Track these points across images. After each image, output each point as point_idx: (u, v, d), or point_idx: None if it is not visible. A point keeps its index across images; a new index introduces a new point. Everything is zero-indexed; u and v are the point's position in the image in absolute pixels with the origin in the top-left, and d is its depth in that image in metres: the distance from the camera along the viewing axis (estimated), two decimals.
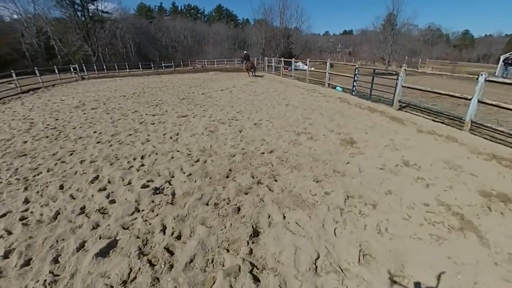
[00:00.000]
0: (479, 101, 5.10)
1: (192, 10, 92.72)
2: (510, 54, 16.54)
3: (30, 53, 38.47)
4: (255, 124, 6.06)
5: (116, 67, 29.84)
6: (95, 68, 27.41)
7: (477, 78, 5.02)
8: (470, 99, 5.24)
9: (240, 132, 5.54)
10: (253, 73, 19.07)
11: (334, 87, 11.05)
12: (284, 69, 22.22)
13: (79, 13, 42.74)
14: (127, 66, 30.81)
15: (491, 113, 6.95)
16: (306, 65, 31.32)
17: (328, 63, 11.09)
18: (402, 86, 6.92)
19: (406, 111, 6.94)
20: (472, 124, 5.27)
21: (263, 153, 4.34)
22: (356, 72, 8.98)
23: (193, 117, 6.94)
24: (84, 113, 8.13)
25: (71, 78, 22.05)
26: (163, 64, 37.24)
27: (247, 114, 7.04)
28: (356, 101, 8.30)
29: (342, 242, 2.29)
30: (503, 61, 15.82)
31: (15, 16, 37.96)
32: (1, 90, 13.34)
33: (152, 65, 34.22)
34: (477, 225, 2.53)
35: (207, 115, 7.10)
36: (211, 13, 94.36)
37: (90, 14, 44.37)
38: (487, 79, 4.91)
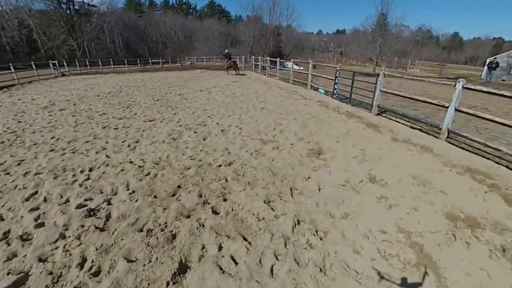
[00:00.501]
0: (456, 110, 4.85)
1: (183, 5, 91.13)
2: (494, 58, 16.60)
3: (11, 47, 36.89)
4: (222, 130, 5.69)
5: (100, 63, 28.85)
6: (77, 64, 26.39)
7: (455, 85, 4.77)
8: (447, 107, 4.99)
9: (204, 140, 5.16)
10: (237, 72, 18.78)
11: (317, 89, 10.76)
12: (271, 68, 21.96)
13: (63, 6, 41.25)
14: (112, 62, 29.86)
15: (471, 119, 6.76)
16: (297, 64, 31.11)
17: (310, 63, 10.77)
18: (381, 91, 6.65)
19: (385, 116, 6.69)
20: (449, 133, 5.03)
21: (220, 165, 3.97)
22: (337, 75, 8.68)
23: (160, 122, 6.51)
24: (50, 115, 7.59)
25: (50, 75, 21.13)
26: (150, 61, 36.35)
27: (218, 118, 6.65)
28: (336, 105, 8.02)
29: (275, 285, 1.95)
30: (487, 65, 15.85)
31: None
32: None
33: (138, 62, 33.25)
34: (436, 260, 2.24)
35: (175, 119, 6.67)
36: (203, 8, 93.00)
37: (76, 7, 42.90)
38: (464, 86, 4.65)
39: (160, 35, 66.80)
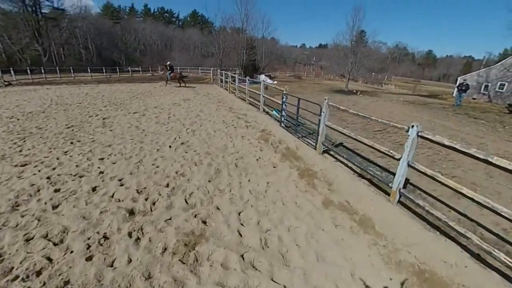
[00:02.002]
0: (409, 165, 3.46)
1: (166, 14, 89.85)
2: (464, 80, 16.10)
3: None
4: (91, 189, 3.96)
5: (58, 71, 26.43)
6: (28, 71, 23.83)
7: (407, 131, 3.39)
8: (398, 159, 3.60)
9: (43, 212, 3.43)
10: (181, 85, 18.32)
11: (272, 111, 9.33)
12: (241, 82, 20.75)
13: (29, 8, 38.39)
14: (72, 70, 27.50)
15: (440, 158, 5.50)
16: (271, 78, 30.10)
17: (262, 84, 9.36)
18: (326, 125, 5.25)
19: (332, 155, 5.27)
20: (400, 195, 3.63)
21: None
22: (284, 99, 7.28)
23: (35, 167, 4.69)
24: None
25: None
26: (126, 69, 34.13)
27: (106, 165, 4.90)
28: (279, 137, 6.56)
29: None
30: (457, 87, 15.28)
31: None
32: None
33: (104, 70, 31.02)
34: None
35: (54, 164, 4.85)
36: (186, 18, 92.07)
37: (43, 11, 40.14)
38: (420, 134, 3.28)
39: (138, 42, 64.69)
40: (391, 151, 3.78)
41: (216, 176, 4.42)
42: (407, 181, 4.26)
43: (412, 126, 3.27)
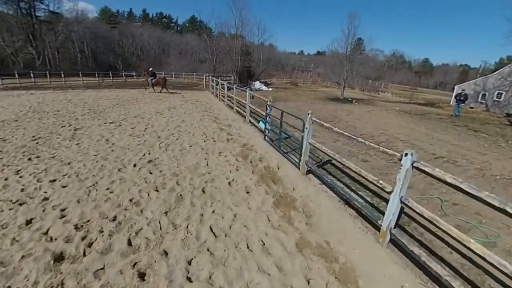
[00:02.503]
0: (402, 202, 2.81)
1: (164, 19, 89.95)
2: (462, 90, 15.63)
3: None
4: (3, 235, 3.25)
5: (48, 75, 25.80)
6: (16, 75, 23.16)
7: (400, 159, 2.74)
8: (389, 193, 2.95)
9: None
10: (161, 90, 18.08)
11: (259, 121, 8.70)
12: (235, 89, 20.27)
13: (24, 11, 37.94)
14: (63, 75, 26.86)
15: (435, 181, 4.85)
16: (266, 85, 29.63)
17: (248, 93, 8.76)
18: (309, 144, 4.61)
19: (318, 176, 4.61)
20: (391, 236, 2.97)
21: None
22: (267, 111, 6.65)
23: None
24: None
25: None
26: (122, 74, 33.52)
27: (55, 189, 4.21)
28: (261, 152, 5.92)
29: None
30: (455, 97, 14.79)
31: None
32: None
33: (96, 75, 30.43)
34: None
35: None
36: (184, 23, 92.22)
37: (37, 14, 39.71)
38: (415, 165, 2.63)
39: (136, 47, 64.40)
40: (380, 182, 3.13)
41: (176, 205, 3.75)
42: (401, 212, 3.61)
43: (406, 154, 2.63)
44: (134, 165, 5.17)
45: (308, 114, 4.46)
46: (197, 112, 11.01)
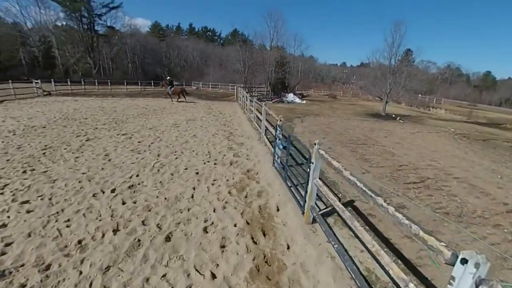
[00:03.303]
0: None
1: (208, 32, 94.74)
2: None
3: (27, 62, 38.18)
4: None
5: (96, 83, 28.17)
6: (67, 82, 25.63)
7: (451, 264, 1.44)
8: None
9: None
10: (180, 99, 18.75)
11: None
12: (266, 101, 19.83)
13: (85, 26, 42.93)
14: (109, 83, 29.13)
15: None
16: (300, 97, 28.36)
17: (263, 109, 7.75)
18: (316, 185, 3.40)
19: (323, 230, 3.35)
20: None
21: None
22: (277, 132, 5.54)
23: None
24: None
25: (31, 94, 20.00)
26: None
27: (17, 215, 3.68)
28: (263, 183, 4.83)
29: None
30: None
31: (20, 20, 38.11)
32: None
33: (139, 83, 32.43)
34: None
35: None
36: (227, 36, 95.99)
37: (96, 28, 44.58)
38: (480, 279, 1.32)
39: (180, 58, 68.40)
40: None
41: (124, 257, 2.86)
42: None
43: (465, 261, 1.33)
44: (113, 190, 4.50)
45: (315, 144, 3.28)
46: (214, 125, 10.35)
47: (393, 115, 19.14)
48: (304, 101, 26.45)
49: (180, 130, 9.32)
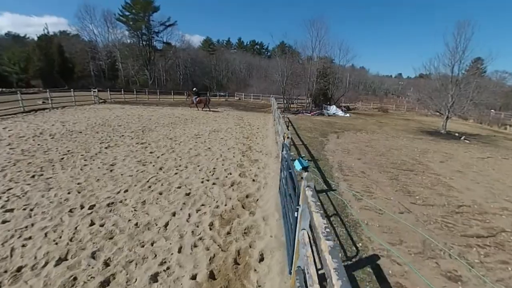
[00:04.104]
0: None
1: (256, 46, 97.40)
2: None
3: (95, 73, 43.95)
4: None
5: (146, 92, 30.54)
6: (122, 91, 28.26)
7: None
8: None
9: None
10: (205, 109, 19.45)
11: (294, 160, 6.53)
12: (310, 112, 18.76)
13: (144, 42, 47.89)
14: (158, 93, 31.32)
15: None
16: (348, 110, 26.22)
17: (280, 122, 6.75)
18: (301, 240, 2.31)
19: None
20: None
21: None
22: (284, 152, 4.50)
23: None
24: None
25: (89, 101, 22.46)
26: (217, 93, 37.14)
27: None
28: (258, 216, 3.84)
29: None
30: None
31: (93, 38, 44.43)
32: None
33: (185, 94, 34.16)
34: None
35: None
36: (274, 49, 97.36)
37: (153, 44, 49.28)
38: None
39: (228, 70, 71.26)
40: None
41: None
42: None
43: None
44: (91, 207, 4.06)
45: (307, 187, 2.22)
46: (235, 138, 9.67)
47: (456, 134, 16.01)
48: (348, 115, 24.36)
49: (198, 141, 8.88)
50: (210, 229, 3.49)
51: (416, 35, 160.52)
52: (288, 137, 4.43)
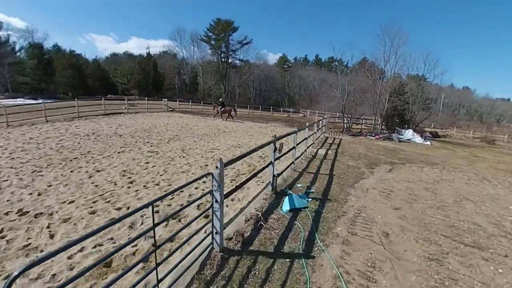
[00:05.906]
0: None
1: (335, 62, 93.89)
2: None
3: (178, 86, 50.46)
4: None
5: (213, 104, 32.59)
6: (190, 102, 30.89)
7: None
8: None
9: None
10: (230, 119, 20.56)
11: (287, 195, 5.02)
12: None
13: (222, 59, 52.53)
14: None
15: None
16: (427, 137, 21.46)
17: (272, 152, 5.32)
18: None
19: None
20: None
21: None
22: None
23: None
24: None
25: (160, 109, 25.44)
26: (288, 109, 37.90)
27: None
28: None
29: None
30: None
31: (180, 56, 51.46)
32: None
33: (248, 108, 35.18)
34: None
35: None
36: (354, 65, 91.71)
37: (229, 60, 53.45)
38: None
39: (300, 87, 70.72)
40: None
41: None
42: None
43: None
44: (26, 213, 3.78)
45: None
46: (248, 158, 8.61)
47: None
48: (429, 142, 19.74)
49: (204, 157, 8.25)
50: None
51: None
52: (217, 166, 3.03)
